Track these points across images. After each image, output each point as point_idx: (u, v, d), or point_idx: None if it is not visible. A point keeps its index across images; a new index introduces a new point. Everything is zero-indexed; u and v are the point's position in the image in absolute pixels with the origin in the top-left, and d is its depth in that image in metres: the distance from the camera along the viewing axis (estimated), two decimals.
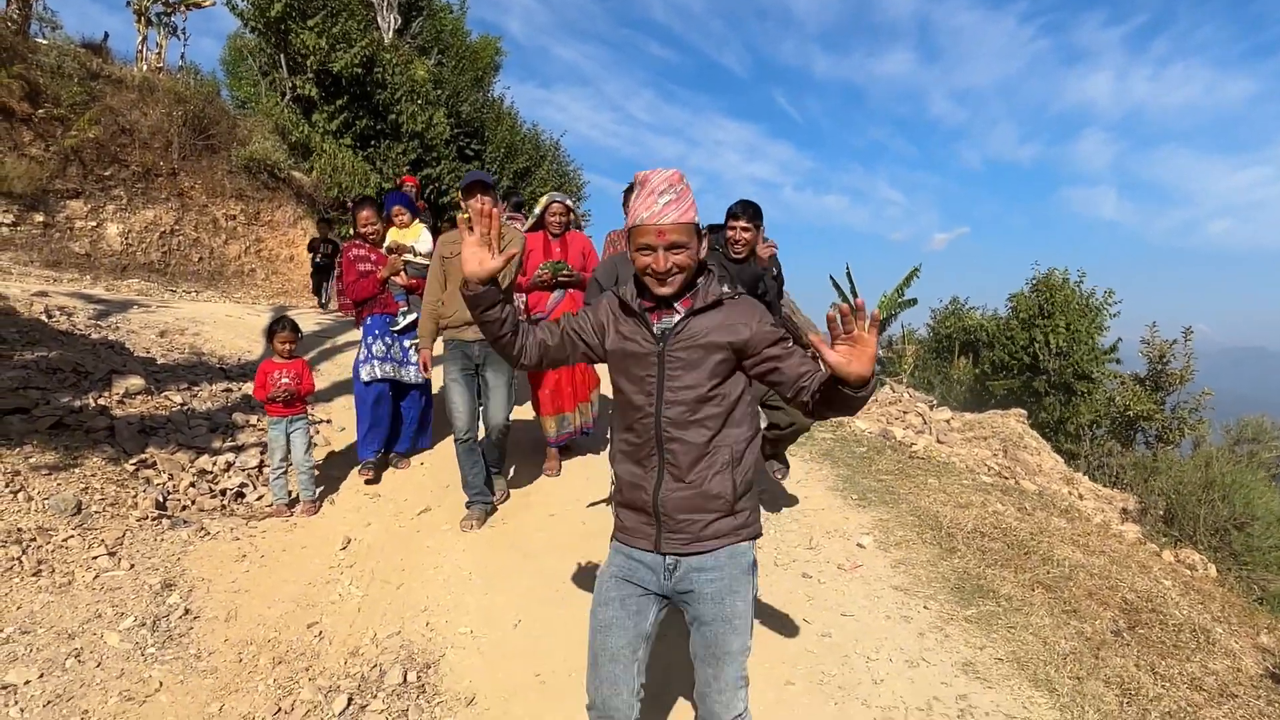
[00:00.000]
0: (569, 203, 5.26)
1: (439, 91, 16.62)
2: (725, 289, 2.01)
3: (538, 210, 5.20)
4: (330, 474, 5.05)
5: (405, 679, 3.02)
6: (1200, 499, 5.44)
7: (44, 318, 5.90)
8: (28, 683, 2.87)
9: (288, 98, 14.49)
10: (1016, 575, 4.02)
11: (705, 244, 2.01)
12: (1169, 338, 11.39)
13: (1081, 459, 8.79)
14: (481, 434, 4.49)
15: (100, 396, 4.93)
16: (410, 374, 5.01)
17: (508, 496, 4.76)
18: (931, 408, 7.05)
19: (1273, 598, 4.96)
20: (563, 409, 5.12)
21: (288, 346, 4.50)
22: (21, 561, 3.57)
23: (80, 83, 12.10)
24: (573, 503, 4.71)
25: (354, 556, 4.00)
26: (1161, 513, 5.62)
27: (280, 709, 2.87)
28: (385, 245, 5.19)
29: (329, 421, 5.78)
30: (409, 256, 5.11)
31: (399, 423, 5.16)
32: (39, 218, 11.37)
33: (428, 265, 4.91)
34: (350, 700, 2.93)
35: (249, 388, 5.86)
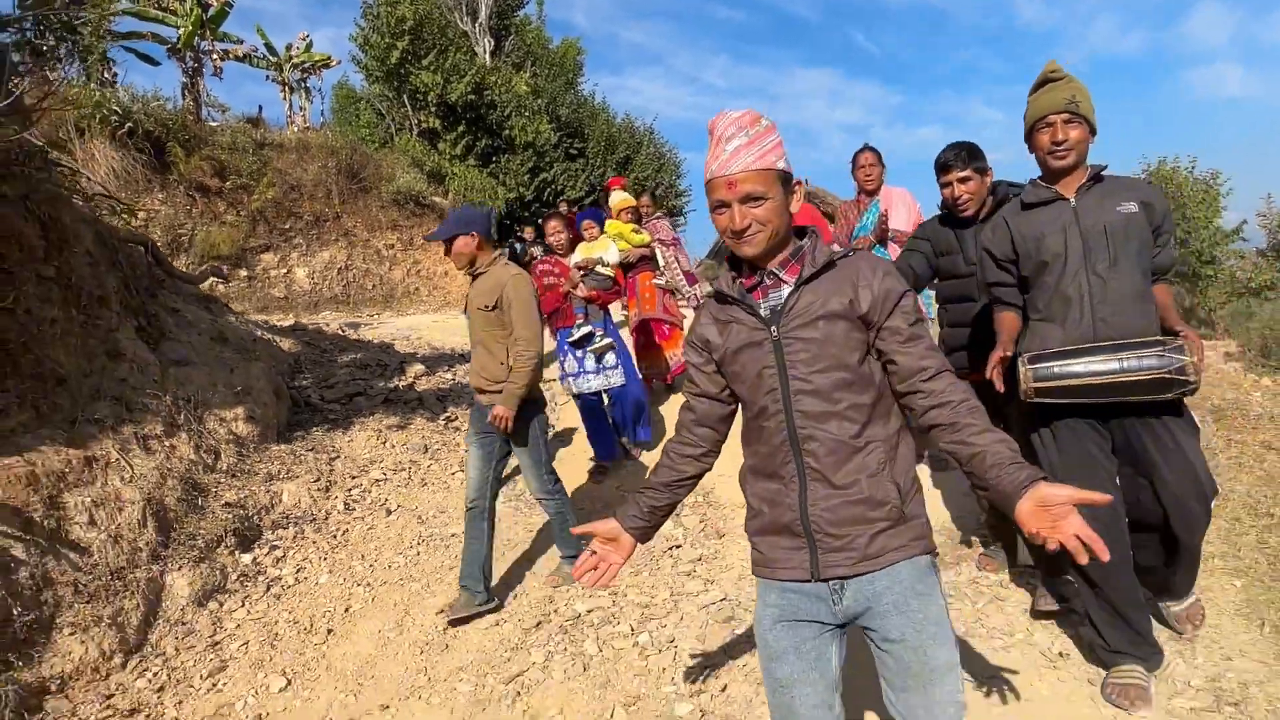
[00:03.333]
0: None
1: (539, 101, 18.50)
2: (837, 248, 1.79)
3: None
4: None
5: (695, 499, 4.72)
6: None
7: (340, 333, 7.98)
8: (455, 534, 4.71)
9: (415, 132, 16.65)
10: None
11: (799, 196, 1.75)
12: None
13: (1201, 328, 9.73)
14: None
15: (401, 379, 6.87)
16: (607, 380, 5.30)
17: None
18: None
19: None
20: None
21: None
22: (411, 478, 5.46)
23: (253, 153, 14.52)
24: None
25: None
26: (1259, 349, 6.71)
27: None
28: (573, 261, 5.45)
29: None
30: (598, 269, 5.43)
31: (624, 417, 5.55)
32: (243, 272, 13.85)
33: (608, 276, 5.49)
34: None
35: None
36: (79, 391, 4.67)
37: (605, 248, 5.54)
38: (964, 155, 3.23)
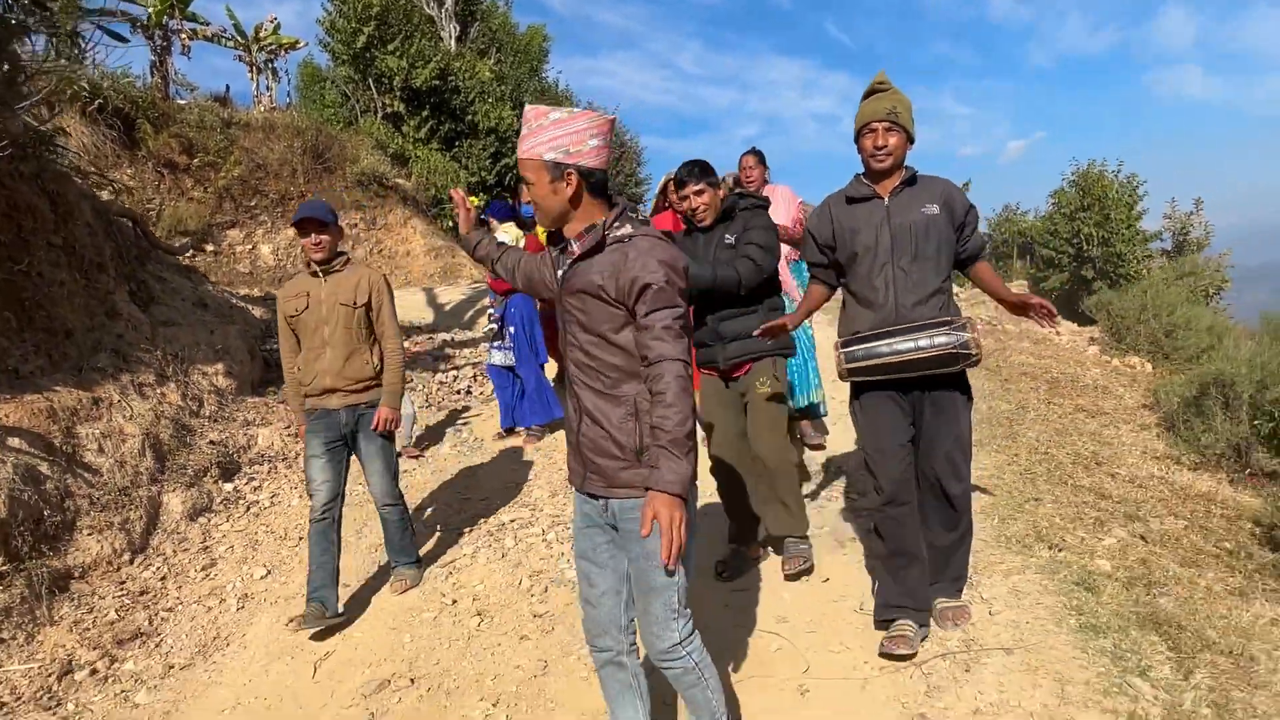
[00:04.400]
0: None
1: (503, 87, 19.31)
2: (622, 230, 2.05)
3: (656, 192, 5.44)
4: None
5: None
6: (1139, 318, 7.68)
7: None
8: (405, 470, 5.67)
9: (379, 115, 17.42)
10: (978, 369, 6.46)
11: (570, 184, 2.02)
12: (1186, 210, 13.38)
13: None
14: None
15: None
16: (506, 358, 6.01)
17: (409, 585, 4.00)
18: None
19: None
20: None
21: None
22: None
23: (221, 132, 15.22)
24: None
25: None
26: (1112, 333, 7.86)
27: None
28: None
29: None
30: None
31: (525, 399, 6.08)
32: (210, 248, 14.56)
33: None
34: None
35: (442, 336, 8.69)
36: (84, 344, 5.55)
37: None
38: (697, 172, 3.55)
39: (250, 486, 5.41)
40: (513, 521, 4.62)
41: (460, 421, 6.71)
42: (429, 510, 5.09)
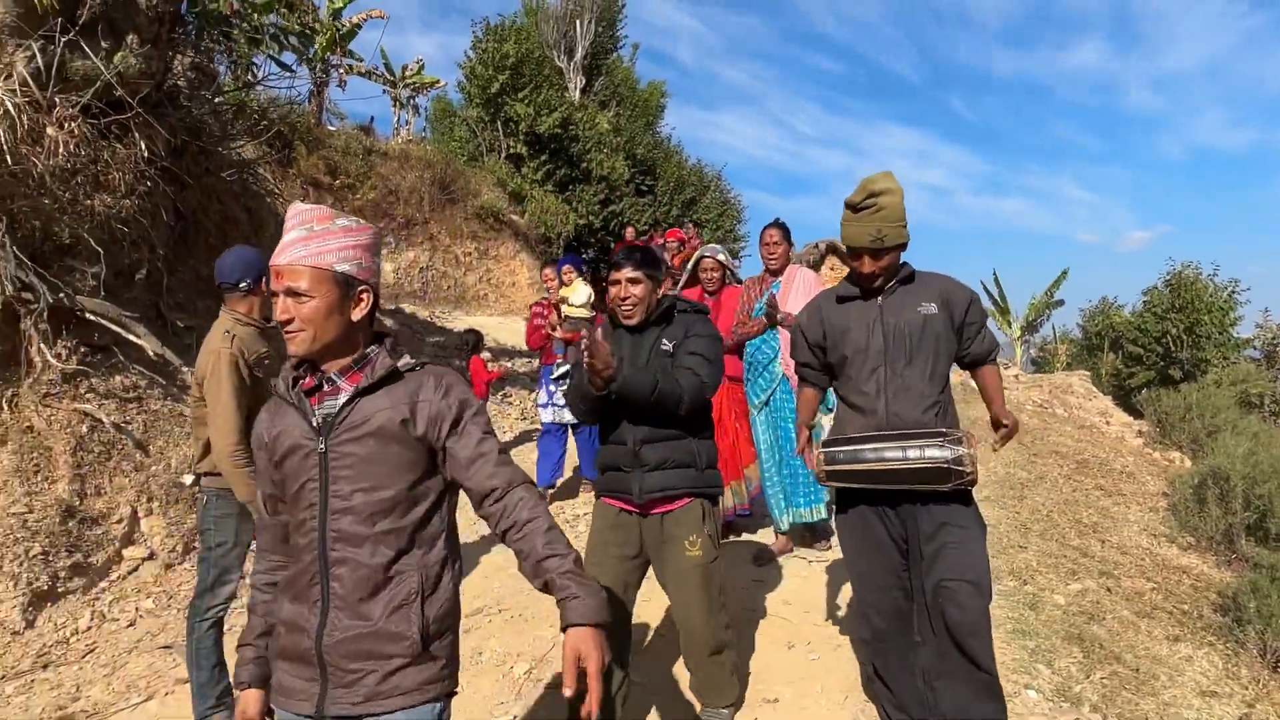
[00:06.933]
0: (722, 258, 5.14)
1: (618, 138, 20.88)
2: (407, 359, 1.75)
3: (689, 265, 5.38)
4: None
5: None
6: (1184, 417, 8.27)
7: (430, 320, 10.28)
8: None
9: (503, 155, 19.16)
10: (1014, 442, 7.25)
11: (364, 305, 1.70)
12: None
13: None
14: None
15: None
16: (561, 414, 5.94)
17: None
18: (1005, 367, 10.11)
19: None
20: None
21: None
22: None
23: (362, 158, 17.13)
24: None
25: None
26: (1159, 427, 8.44)
27: None
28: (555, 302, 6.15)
29: None
30: (565, 309, 6.03)
31: (579, 452, 6.18)
32: None
33: (584, 318, 5.87)
34: None
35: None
36: None
37: (574, 290, 6.12)
38: (637, 258, 2.94)
39: None
40: (576, 517, 5.70)
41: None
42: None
